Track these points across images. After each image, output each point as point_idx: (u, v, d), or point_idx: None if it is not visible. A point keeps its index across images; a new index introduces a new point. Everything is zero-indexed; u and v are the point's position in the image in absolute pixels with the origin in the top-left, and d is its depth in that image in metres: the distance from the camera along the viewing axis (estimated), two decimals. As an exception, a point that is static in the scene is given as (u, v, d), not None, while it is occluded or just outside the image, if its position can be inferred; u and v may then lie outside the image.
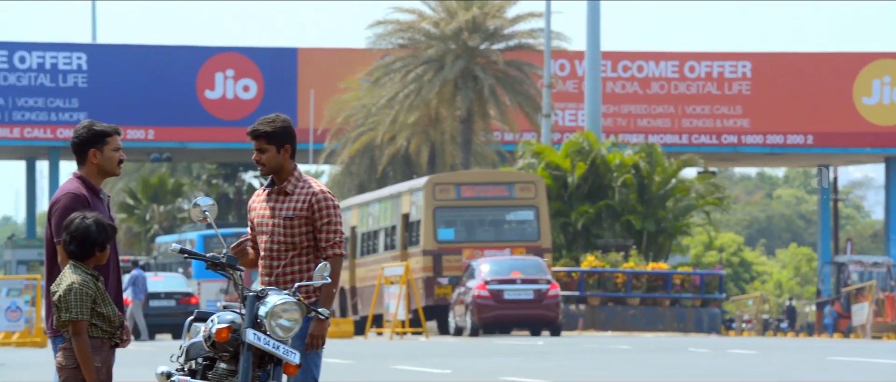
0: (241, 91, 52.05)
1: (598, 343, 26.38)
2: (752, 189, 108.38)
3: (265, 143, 7.76)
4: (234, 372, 7.34)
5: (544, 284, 30.83)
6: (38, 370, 19.93)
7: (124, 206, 61.07)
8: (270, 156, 7.77)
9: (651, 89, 53.57)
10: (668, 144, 51.00)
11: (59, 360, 7.28)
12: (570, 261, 38.42)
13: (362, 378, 17.57)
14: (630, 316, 36.43)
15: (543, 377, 16.85)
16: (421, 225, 34.06)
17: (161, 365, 7.49)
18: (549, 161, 39.92)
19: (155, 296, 34.48)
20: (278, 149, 7.78)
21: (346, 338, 31.91)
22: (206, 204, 7.69)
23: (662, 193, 40.44)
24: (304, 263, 7.81)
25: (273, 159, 7.78)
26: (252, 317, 7.31)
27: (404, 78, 47.33)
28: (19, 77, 50.50)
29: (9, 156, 56.08)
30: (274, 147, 7.76)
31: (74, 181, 7.55)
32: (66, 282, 7.24)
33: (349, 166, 50.81)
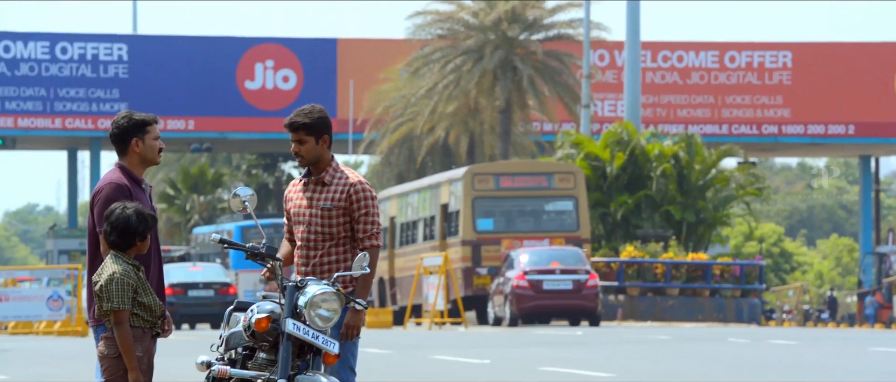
0: (280, 81, 52.19)
1: (638, 334, 26.35)
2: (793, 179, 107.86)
3: (304, 135, 7.79)
4: (273, 362, 7.39)
5: (583, 274, 30.81)
6: (80, 359, 20.08)
7: (165, 197, 61.36)
8: (309, 148, 7.80)
9: (691, 79, 53.37)
10: (708, 135, 50.81)
11: (101, 349, 7.34)
12: (610, 252, 38.36)
13: (401, 368, 17.62)
14: (669, 307, 36.35)
15: (582, 367, 16.85)
16: (460, 216, 34.09)
17: (201, 355, 7.54)
18: (588, 151, 39.86)
19: (194, 286, 34.67)
20: (317, 140, 7.80)
21: (385, 328, 31.98)
22: (246, 194, 7.73)
23: (702, 183, 40.31)
24: (341, 253, 7.84)
25: (312, 150, 7.80)
26: (291, 307, 7.35)
27: (443, 68, 47.34)
28: (61, 68, 50.81)
29: (51, 146, 56.45)
30: (313, 138, 7.79)
31: (116, 171, 7.60)
32: (107, 272, 7.29)
33: (388, 156, 50.87)
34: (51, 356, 21.44)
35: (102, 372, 7.32)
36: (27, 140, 52.51)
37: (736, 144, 44.39)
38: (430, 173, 45.71)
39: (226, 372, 7.38)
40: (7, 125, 50.75)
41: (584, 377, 15.68)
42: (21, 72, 50.67)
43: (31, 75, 50.72)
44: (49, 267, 41.50)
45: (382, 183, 50.07)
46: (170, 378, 15.87)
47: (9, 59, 50.63)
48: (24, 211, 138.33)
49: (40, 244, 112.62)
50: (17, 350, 23.58)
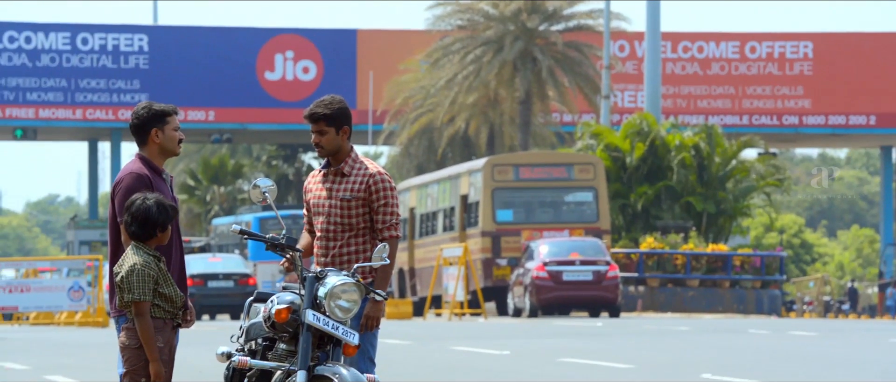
0: (300, 72, 52.24)
1: (658, 325, 26.32)
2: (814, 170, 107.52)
3: (324, 125, 7.79)
4: (293, 353, 7.40)
5: (603, 265, 30.79)
6: (101, 349, 20.15)
7: (185, 187, 61.48)
8: (329, 139, 7.80)
9: (711, 70, 53.25)
10: (729, 125, 50.70)
11: (123, 340, 7.36)
12: (629, 243, 38.32)
13: (421, 359, 17.64)
14: (689, 298, 36.29)
15: (602, 358, 16.85)
16: (479, 207, 34.08)
17: (221, 346, 7.56)
18: (607, 142, 39.80)
19: (214, 277, 34.73)
20: (337, 130, 7.81)
21: (405, 319, 32.01)
22: (266, 185, 7.74)
23: (722, 174, 40.22)
24: (360, 244, 7.85)
25: (332, 141, 7.81)
26: (311, 298, 7.36)
27: (463, 59, 47.32)
28: (82, 59, 50.94)
29: (71, 137, 56.60)
30: (333, 129, 7.80)
31: (137, 161, 7.61)
32: (128, 263, 7.31)
33: (408, 147, 50.88)
34: (72, 346, 21.51)
35: (124, 363, 7.34)
36: (48, 131, 52.67)
37: (756, 135, 44.28)
38: (450, 164, 45.70)
39: (246, 363, 7.40)
40: (28, 116, 50.90)
41: (604, 368, 15.67)
42: (42, 63, 50.82)
43: (52, 66, 50.86)
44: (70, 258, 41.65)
45: (402, 174, 50.08)
46: (190, 368, 15.91)
47: (30, 50, 50.77)
48: (46, 201, 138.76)
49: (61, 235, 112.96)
50: (38, 340, 23.66)
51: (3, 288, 29.61)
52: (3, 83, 50.67)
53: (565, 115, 49.84)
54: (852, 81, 53.19)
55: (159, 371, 7.27)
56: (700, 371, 14.91)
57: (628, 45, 52.67)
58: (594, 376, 14.70)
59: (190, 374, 15.07)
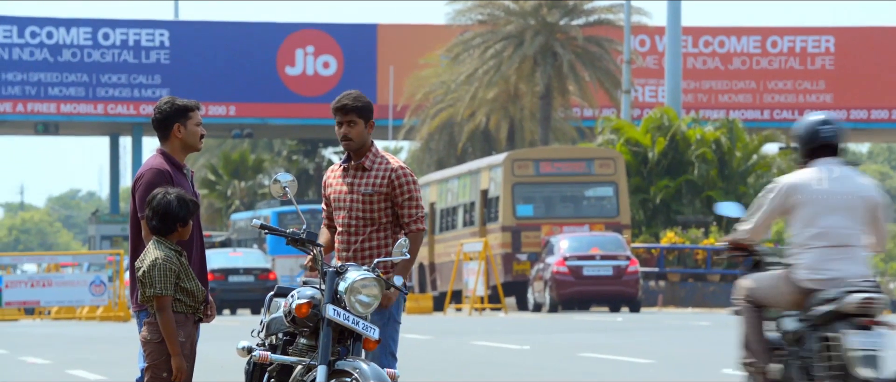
0: (321, 67, 52.28)
1: (678, 320, 26.30)
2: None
3: (355, 117, 7.82)
4: (314, 348, 7.42)
5: (624, 260, 30.74)
6: (123, 344, 20.21)
7: (206, 182, 61.61)
8: (359, 131, 7.83)
9: (732, 65, 53.14)
10: (750, 120, 50.59)
11: (144, 334, 7.39)
12: (650, 237, 38.28)
13: (442, 353, 17.65)
14: (710, 293, 36.24)
15: (623, 353, 16.84)
16: (499, 202, 34.07)
17: (242, 340, 7.59)
18: (628, 137, 39.75)
19: (234, 272, 34.79)
20: (365, 123, 7.86)
21: (426, 314, 32.03)
22: (287, 180, 7.76)
23: (743, 169, 40.15)
24: (382, 238, 7.86)
25: (361, 134, 7.84)
26: (332, 293, 7.38)
27: (483, 54, 47.29)
28: (103, 54, 51.07)
29: (93, 132, 56.75)
30: (362, 122, 7.84)
31: (158, 157, 7.63)
32: (149, 258, 7.34)
33: (428, 142, 50.89)
34: (93, 341, 21.59)
35: (145, 357, 7.37)
36: (70, 125, 52.83)
37: (777, 130, 44.17)
38: (471, 159, 45.69)
39: (267, 358, 7.42)
40: (50, 110, 51.06)
41: (625, 363, 15.66)
42: (63, 57, 50.97)
43: (74, 61, 51.01)
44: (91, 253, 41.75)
45: (422, 169, 50.09)
46: (211, 363, 15.95)
47: (51, 45, 50.93)
48: (67, 196, 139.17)
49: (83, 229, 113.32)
50: (60, 335, 23.75)
51: (25, 282, 29.73)
52: (24, 78, 50.83)
53: (586, 110, 49.79)
54: (874, 76, 53.01)
55: (181, 366, 7.29)
56: (721, 366, 14.89)
57: (649, 39, 52.57)
58: (614, 371, 14.69)
59: (211, 369, 15.12)
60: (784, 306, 7.73)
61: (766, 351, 7.77)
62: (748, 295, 7.89)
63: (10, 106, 50.88)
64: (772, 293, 7.78)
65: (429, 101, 49.72)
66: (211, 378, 13.93)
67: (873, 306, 7.52)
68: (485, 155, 46.53)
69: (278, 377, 7.48)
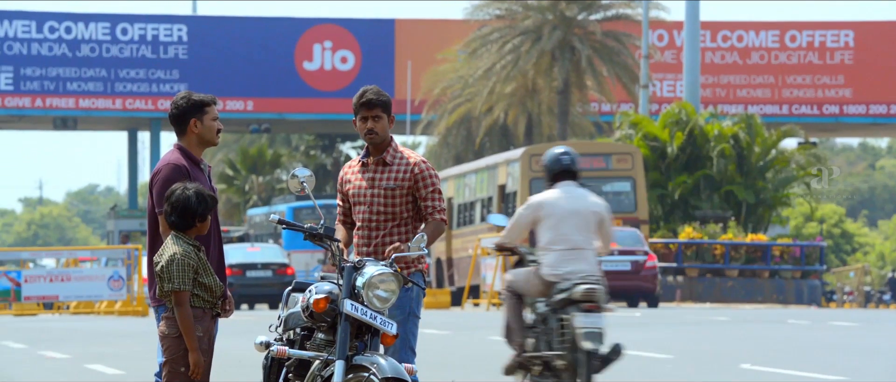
0: (338, 62, 52.30)
1: (697, 315, 26.25)
2: (854, 160, 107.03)
3: (380, 111, 7.85)
4: (332, 342, 7.42)
5: (642, 255, 30.71)
6: (141, 338, 20.25)
7: (224, 177, 61.71)
8: (383, 125, 7.86)
9: (751, 59, 53.01)
10: (768, 115, 50.46)
11: (162, 329, 7.40)
12: (668, 233, 38.21)
13: (459, 348, 17.65)
14: (728, 288, 36.16)
15: (641, 348, 16.81)
16: (517, 197, 34.06)
17: (260, 335, 7.59)
18: (646, 132, 39.68)
19: (252, 267, 34.83)
20: (389, 118, 7.88)
21: (443, 309, 32.04)
22: (304, 175, 7.76)
23: (762, 164, 40.04)
24: (403, 234, 7.87)
25: (386, 128, 7.87)
26: (349, 288, 7.38)
27: (501, 49, 47.24)
28: (121, 49, 51.16)
29: (111, 126, 56.88)
30: (386, 116, 7.87)
31: (175, 152, 7.64)
32: (168, 253, 7.34)
33: (446, 137, 50.87)
34: (112, 335, 21.63)
35: (163, 352, 7.38)
36: (88, 120, 52.95)
37: (796, 124, 44.03)
38: (489, 154, 45.66)
39: (284, 353, 7.43)
40: (68, 105, 51.18)
41: (643, 358, 15.64)
42: (82, 52, 51.08)
43: (92, 56, 51.11)
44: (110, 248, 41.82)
45: (440, 163, 50.07)
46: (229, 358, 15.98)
47: (70, 40, 51.04)
48: (86, 191, 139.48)
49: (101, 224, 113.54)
50: (78, 329, 23.81)
51: (45, 277, 29.81)
52: (43, 73, 50.96)
53: (604, 105, 49.72)
54: (894, 70, 52.82)
55: (199, 361, 7.30)
56: (739, 361, 14.86)
57: (667, 34, 52.47)
58: (632, 366, 14.68)
59: (229, 364, 15.14)
60: (534, 294, 10.16)
61: (522, 329, 10.17)
62: (509, 286, 10.28)
63: (28, 101, 51.01)
64: (526, 285, 10.19)
65: (446, 96, 49.70)
66: (228, 373, 13.94)
67: (596, 295, 9.98)
68: (503, 150, 46.48)
69: (296, 372, 7.48)
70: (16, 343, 19.94)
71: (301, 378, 7.45)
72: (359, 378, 7.26)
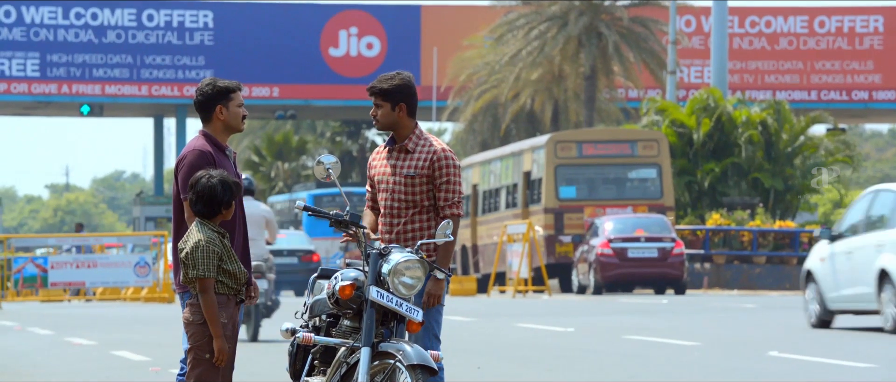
0: (364, 48, 52.30)
1: (724, 302, 26.19)
2: (884, 146, 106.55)
3: (380, 100, 7.82)
4: (357, 329, 7.42)
5: (669, 242, 30.64)
6: (166, 325, 20.31)
7: (249, 164, 61.80)
8: (384, 113, 7.82)
9: (779, 45, 52.79)
10: (797, 101, 50.26)
11: (187, 316, 7.41)
12: (695, 219, 38.12)
13: (485, 335, 17.65)
14: (756, 275, 36.07)
15: (668, 335, 16.78)
16: (542, 183, 34.00)
17: (285, 322, 7.60)
18: (673, 118, 39.57)
19: (277, 253, 34.88)
20: (393, 106, 7.82)
21: (469, 296, 32.04)
22: (330, 161, 7.75)
23: (790, 151, 39.89)
24: (424, 221, 7.85)
25: (387, 116, 7.83)
26: (375, 275, 7.38)
27: (527, 35, 47.16)
28: (147, 35, 51.26)
29: (137, 113, 57.02)
30: (388, 104, 7.81)
31: (200, 138, 7.65)
32: (192, 240, 7.36)
33: (472, 124, 50.83)
34: (138, 322, 21.71)
35: (188, 339, 7.40)
36: (114, 107, 53.09)
37: (825, 111, 43.85)
38: (515, 141, 45.61)
39: (310, 339, 7.43)
40: (94, 92, 51.32)
41: (670, 345, 15.61)
42: (108, 39, 51.21)
43: (118, 42, 51.23)
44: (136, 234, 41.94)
45: (466, 150, 50.06)
46: (254, 344, 16.00)
47: (96, 27, 51.17)
48: (112, 177, 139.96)
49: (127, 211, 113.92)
50: (104, 316, 23.90)
51: (71, 263, 29.93)
52: (69, 59, 51.12)
53: (631, 91, 49.59)
54: (923, 56, 52.54)
55: (223, 348, 7.32)
56: (767, 348, 14.83)
57: (695, 19, 52.29)
58: (660, 353, 14.65)
59: (254, 351, 15.17)
60: None
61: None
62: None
63: (55, 87, 51.19)
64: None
65: (472, 83, 49.64)
66: (253, 360, 13.97)
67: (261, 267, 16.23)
68: (529, 136, 46.43)
69: (322, 358, 7.49)
70: (42, 329, 20.03)
71: (327, 364, 7.46)
72: (384, 364, 7.27)
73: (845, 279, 17.53)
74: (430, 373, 7.19)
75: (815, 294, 18.07)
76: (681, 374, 12.63)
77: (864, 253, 17.18)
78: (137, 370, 13.39)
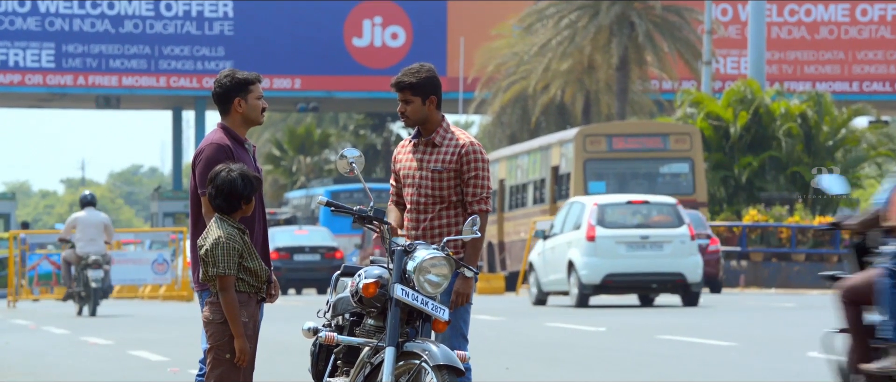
0: (389, 39, 52.33)
1: (761, 301, 26.12)
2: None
3: (410, 95, 7.80)
4: (381, 329, 7.42)
5: (704, 239, 30.56)
6: (186, 324, 20.36)
7: (270, 157, 61.89)
8: (415, 108, 7.81)
9: (819, 34, 52.59)
10: (838, 92, 50.08)
11: (206, 315, 7.42)
12: (732, 215, 38.02)
13: (514, 335, 17.65)
14: (795, 273, 35.96)
15: (702, 335, 16.75)
16: (571, 179, 33.96)
17: (308, 321, 7.61)
18: (709, 110, 39.47)
19: (299, 250, 34.95)
20: (423, 100, 7.81)
21: (497, 294, 32.03)
22: (353, 155, 7.75)
23: (831, 144, 39.75)
24: (451, 217, 7.85)
25: (418, 111, 7.82)
26: (400, 272, 7.37)
27: (557, 24, 47.10)
28: (165, 25, 51.38)
29: (155, 105, 57.18)
30: (419, 98, 7.80)
31: (218, 131, 7.66)
32: (212, 237, 7.36)
33: (500, 116, 50.80)
34: (156, 321, 21.77)
35: (208, 338, 7.41)
36: (131, 99, 53.26)
37: (867, 102, 43.67)
38: (544, 133, 45.57)
39: (333, 339, 7.44)
40: (111, 84, 51.49)
41: (705, 345, 15.58)
42: (125, 29, 51.36)
43: (136, 33, 51.38)
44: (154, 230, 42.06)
45: (494, 143, 50.04)
46: (276, 344, 16.04)
47: (113, 17, 51.33)
48: (129, 172, 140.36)
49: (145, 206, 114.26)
50: (121, 314, 23.97)
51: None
52: (85, 50, 51.29)
53: (664, 82, 49.49)
54: (969, 46, 52.28)
55: (244, 347, 7.33)
56: (806, 349, 14.78)
57: (731, 8, 52.14)
58: (694, 354, 14.62)
59: (275, 350, 15.20)
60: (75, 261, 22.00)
61: None
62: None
63: (70, 78, 51.39)
64: None
65: (501, 74, 49.61)
66: (275, 360, 14.00)
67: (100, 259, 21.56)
68: (559, 129, 46.37)
69: (345, 358, 7.49)
70: (58, 328, 20.11)
71: (350, 364, 7.46)
72: (410, 365, 7.27)
73: (550, 268, 23.83)
74: (456, 374, 7.19)
75: (534, 280, 24.51)
76: (716, 375, 12.61)
77: (560, 249, 23.54)
78: (156, 370, 13.43)
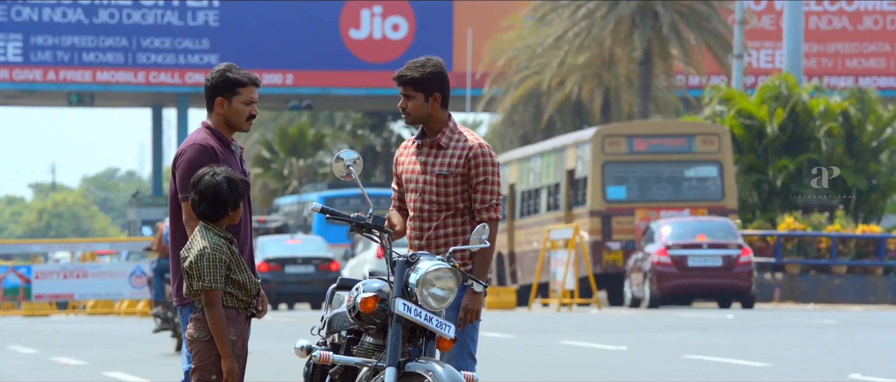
0: (389, 30, 52.41)
1: (798, 317, 26.16)
2: None
3: (412, 90, 7.81)
4: (381, 347, 7.43)
5: (735, 249, 30.61)
6: (166, 343, 20.40)
7: (260, 160, 61.97)
8: (417, 105, 7.82)
9: (863, 25, 52.64)
10: (883, 88, 50.12)
11: (190, 332, 7.42)
12: (765, 223, 38.06)
13: (527, 354, 17.67)
14: (835, 287, 35.99)
15: (734, 355, 16.77)
16: (588, 183, 33.99)
17: (301, 339, 7.62)
18: (740, 108, 39.52)
19: (291, 262, 34.99)
20: (426, 97, 7.82)
21: (509, 309, 32.09)
22: (350, 157, 7.76)
23: (875, 145, 39.80)
24: (458, 225, 7.85)
25: (420, 108, 7.82)
26: (402, 286, 7.39)
27: (574, 14, 47.17)
28: (144, 15, 51.47)
29: (133, 103, 57.27)
30: (422, 95, 7.81)
31: (202, 131, 7.66)
32: (197, 247, 7.36)
33: (511, 115, 50.85)
34: (134, 339, 21.81)
35: (192, 358, 7.41)
36: (107, 96, 53.33)
37: (914, 100, 43.70)
38: (560, 133, 45.62)
39: (328, 358, 7.45)
40: (85, 79, 51.57)
41: (736, 366, 15.60)
42: (100, 19, 51.44)
43: (112, 23, 51.46)
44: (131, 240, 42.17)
45: (505, 144, 50.10)
46: (265, 364, 16.06)
47: (86, 6, 51.42)
48: (104, 176, 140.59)
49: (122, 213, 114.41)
50: (96, 332, 24.03)
51: (58, 273, 30.09)
52: (56, 42, 51.38)
53: (691, 78, 49.53)
54: None
55: (232, 368, 7.33)
56: (848, 370, 14.79)
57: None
58: (724, 375, 14.64)
59: (265, 370, 15.22)
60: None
61: None
62: None
63: (40, 73, 51.46)
64: None
65: (512, 68, 49.67)
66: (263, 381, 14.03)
67: None
68: (576, 128, 46.44)
69: (341, 380, 7.50)
70: (25, 347, 20.14)
71: (346, 387, 7.47)
72: (412, 387, 7.28)
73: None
74: (463, 397, 7.20)
75: None
76: (749, 399, 12.62)
77: None
78: (133, 393, 13.44)
